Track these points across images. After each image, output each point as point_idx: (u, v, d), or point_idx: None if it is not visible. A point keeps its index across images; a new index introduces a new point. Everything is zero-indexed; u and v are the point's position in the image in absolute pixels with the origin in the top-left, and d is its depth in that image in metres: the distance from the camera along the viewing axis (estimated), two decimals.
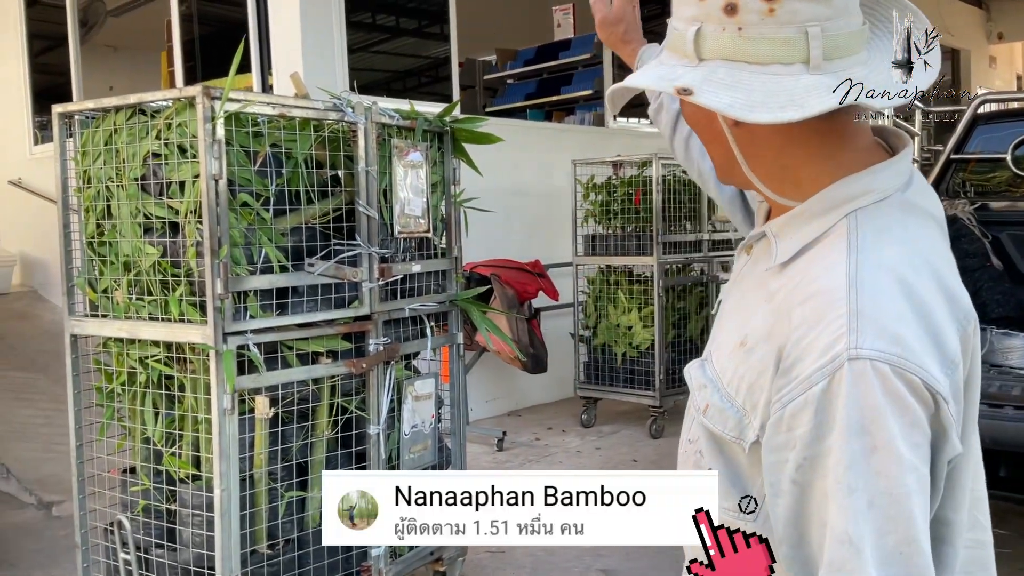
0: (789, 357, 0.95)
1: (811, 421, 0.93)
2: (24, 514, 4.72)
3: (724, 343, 1.10)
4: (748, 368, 1.02)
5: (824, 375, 0.92)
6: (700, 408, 1.09)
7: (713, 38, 0.98)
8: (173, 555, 2.72)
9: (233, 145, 2.60)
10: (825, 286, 0.96)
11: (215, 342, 2.50)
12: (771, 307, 1.02)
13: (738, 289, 1.15)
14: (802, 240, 1.02)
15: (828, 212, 1.01)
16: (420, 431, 3.17)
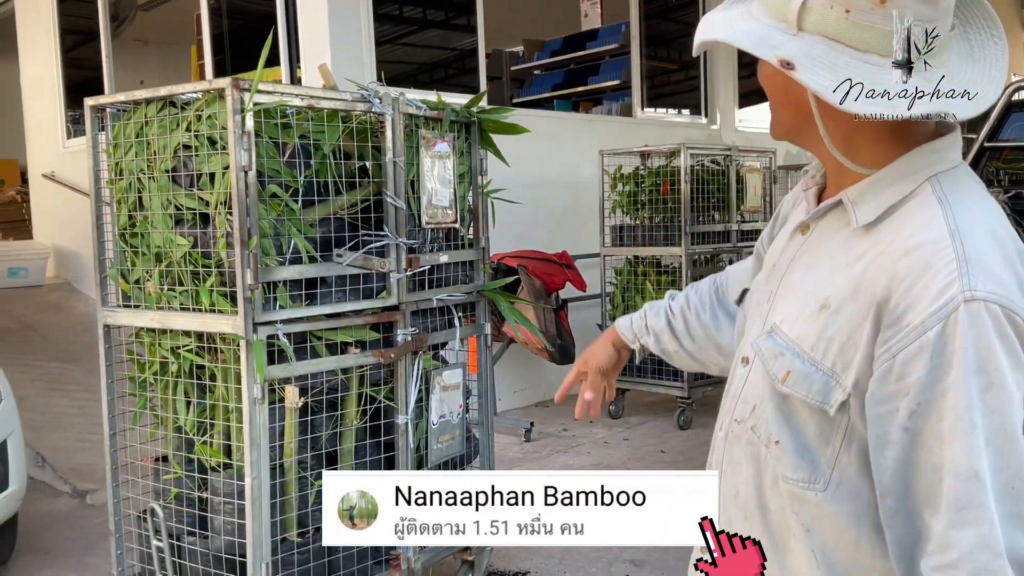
0: (897, 308, 0.99)
1: (927, 365, 0.96)
2: (59, 502, 4.80)
3: (794, 311, 1.13)
4: (837, 328, 1.05)
5: (939, 318, 0.96)
6: (778, 377, 1.11)
7: (818, 13, 1.01)
8: (205, 542, 2.76)
9: (262, 136, 2.61)
10: (927, 238, 1.00)
11: (245, 332, 2.53)
12: (859, 267, 1.05)
13: (800, 263, 1.18)
14: (885, 203, 1.07)
15: (907, 177, 1.07)
16: (448, 421, 3.18)
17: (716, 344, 1.52)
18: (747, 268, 1.49)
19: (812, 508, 1.11)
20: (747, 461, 1.19)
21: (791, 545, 1.15)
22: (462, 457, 3.34)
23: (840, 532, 1.10)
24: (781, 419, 1.12)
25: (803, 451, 1.10)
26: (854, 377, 1.04)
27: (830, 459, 1.09)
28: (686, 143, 5.78)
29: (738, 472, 1.21)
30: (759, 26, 1.06)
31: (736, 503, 1.21)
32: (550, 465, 5.13)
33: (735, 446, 1.21)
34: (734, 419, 1.22)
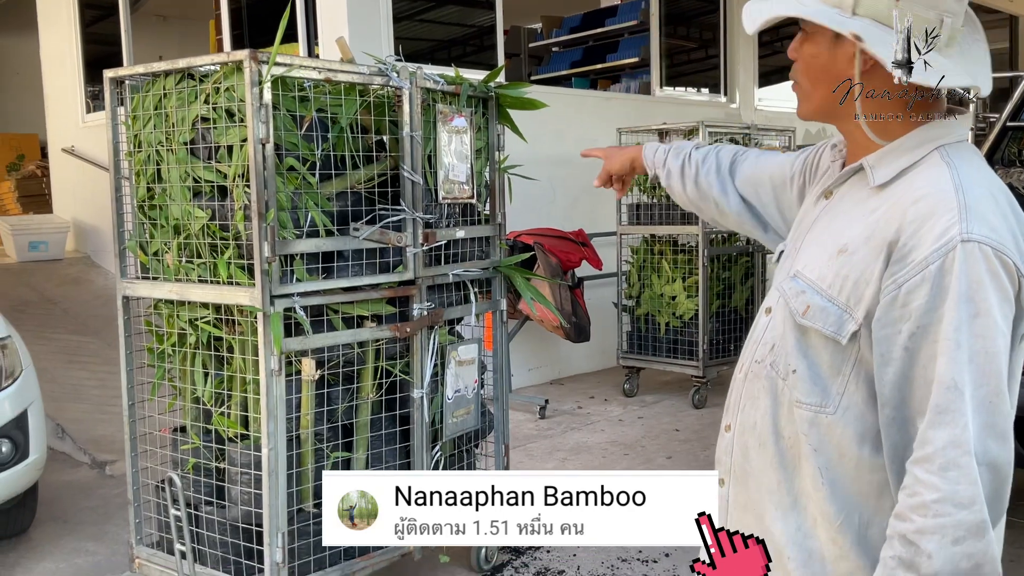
0: (905, 247, 1.18)
1: (927, 294, 1.15)
2: (78, 473, 4.86)
3: (815, 258, 1.32)
4: (852, 268, 1.24)
5: (939, 255, 1.15)
6: (799, 311, 1.29)
7: (872, 1, 1.22)
8: (222, 511, 2.79)
9: (280, 110, 2.62)
10: (934, 190, 1.20)
11: (263, 304, 2.54)
12: (873, 218, 1.24)
13: (822, 221, 1.37)
14: (899, 166, 1.26)
15: (919, 147, 1.26)
16: (463, 396, 3.19)
17: (716, 202, 1.72)
18: (769, 163, 1.66)
19: (821, 430, 1.27)
20: (765, 395, 1.34)
21: (801, 466, 1.30)
22: (477, 432, 3.36)
23: (843, 451, 1.26)
24: (799, 351, 1.29)
25: (816, 379, 1.27)
26: (865, 310, 1.22)
27: (840, 386, 1.26)
28: (704, 121, 5.74)
29: (756, 405, 1.35)
30: (816, 9, 1.24)
31: (753, 433, 1.36)
32: (563, 443, 5.15)
33: (755, 383, 1.36)
34: (755, 360, 1.37)
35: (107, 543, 3.85)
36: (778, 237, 1.65)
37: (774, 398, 1.33)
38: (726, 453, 1.43)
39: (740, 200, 1.69)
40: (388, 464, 2.99)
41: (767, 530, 1.33)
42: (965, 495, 1.13)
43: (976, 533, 1.13)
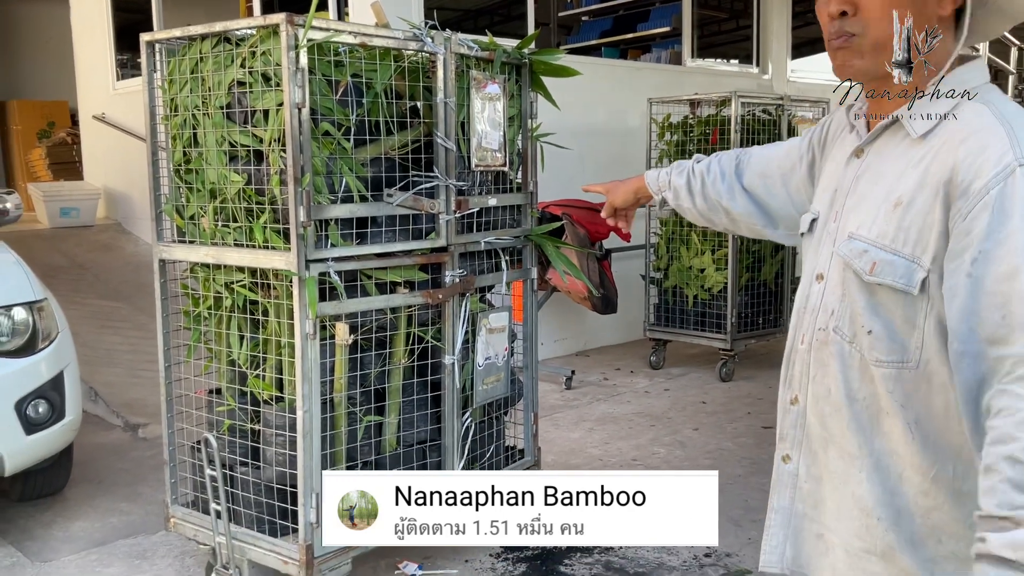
0: (963, 183, 1.20)
1: (988, 219, 1.17)
2: (111, 435, 4.94)
3: (868, 216, 1.33)
4: (913, 217, 1.27)
5: (999, 180, 1.17)
6: (866, 270, 1.31)
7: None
8: (257, 472, 2.83)
9: (315, 74, 2.62)
10: (981, 126, 1.23)
11: (298, 269, 2.56)
12: (922, 166, 1.27)
13: (864, 181, 1.38)
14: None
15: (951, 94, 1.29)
16: (493, 363, 3.21)
17: (726, 209, 1.76)
18: (775, 153, 1.71)
19: (906, 385, 1.29)
20: (834, 360, 1.36)
21: (884, 424, 1.32)
22: (507, 400, 3.37)
23: (931, 403, 1.28)
24: (871, 310, 1.31)
25: (894, 336, 1.30)
26: (932, 254, 1.24)
27: (917, 340, 1.28)
28: (737, 91, 5.68)
29: (827, 372, 1.38)
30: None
31: (828, 401, 1.38)
32: (590, 413, 5.16)
33: (822, 351, 1.38)
34: (818, 328, 1.39)
35: (140, 503, 3.92)
36: (787, 232, 1.69)
37: (843, 362, 1.35)
38: (793, 427, 1.47)
39: (748, 200, 1.72)
40: (419, 429, 3.02)
41: (852, 494, 1.35)
42: None
43: None
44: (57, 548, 3.49)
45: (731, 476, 4.12)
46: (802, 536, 1.47)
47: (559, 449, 4.50)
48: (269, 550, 2.74)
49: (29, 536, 3.60)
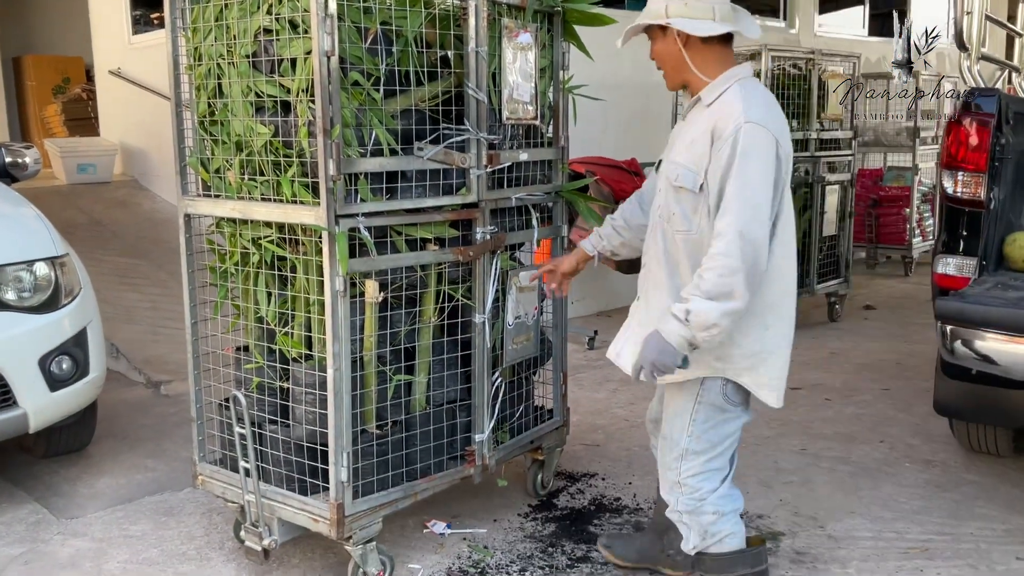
0: (718, 130, 2.25)
1: (729, 151, 2.21)
2: (133, 391, 4.93)
3: (679, 151, 2.38)
4: (697, 149, 2.30)
5: (734, 130, 2.21)
6: (673, 179, 2.36)
7: (675, 6, 2.31)
8: (286, 431, 2.79)
9: (345, 21, 2.52)
10: (732, 99, 2.28)
11: (328, 224, 2.49)
12: (703, 122, 2.32)
13: (682, 132, 2.44)
14: (716, 94, 2.34)
15: (725, 83, 2.34)
16: (523, 323, 3.14)
17: (640, 235, 2.64)
18: (649, 181, 2.72)
19: (689, 243, 2.34)
20: (660, 234, 2.43)
21: (678, 268, 2.38)
22: (535, 359, 3.31)
23: (700, 252, 2.28)
24: (676, 202, 2.36)
25: (687, 216, 2.34)
26: (704, 170, 2.28)
27: (696, 219, 2.32)
28: (768, 45, 5.54)
29: (657, 242, 2.44)
30: (648, 20, 2.38)
31: (656, 258, 2.44)
32: (613, 373, 5.10)
33: (654, 231, 2.46)
34: (656, 218, 2.46)
35: (165, 460, 3.90)
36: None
37: (662, 235, 2.42)
38: (642, 280, 2.53)
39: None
40: (449, 388, 2.96)
41: (661, 306, 2.37)
42: (730, 250, 2.18)
43: (733, 273, 2.17)
44: (83, 505, 3.48)
45: (759, 437, 4.06)
46: (635, 338, 2.45)
47: (584, 409, 4.46)
48: (299, 508, 2.70)
49: (55, 492, 3.59)
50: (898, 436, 4.09)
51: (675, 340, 2.22)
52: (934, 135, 8.16)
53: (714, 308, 2.17)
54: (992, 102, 3.05)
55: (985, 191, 3.04)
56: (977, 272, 3.09)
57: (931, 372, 5.03)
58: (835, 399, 4.64)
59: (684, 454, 2.47)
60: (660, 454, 2.57)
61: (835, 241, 6.31)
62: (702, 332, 2.20)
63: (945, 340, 2.85)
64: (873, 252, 8.24)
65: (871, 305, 6.94)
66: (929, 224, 8.34)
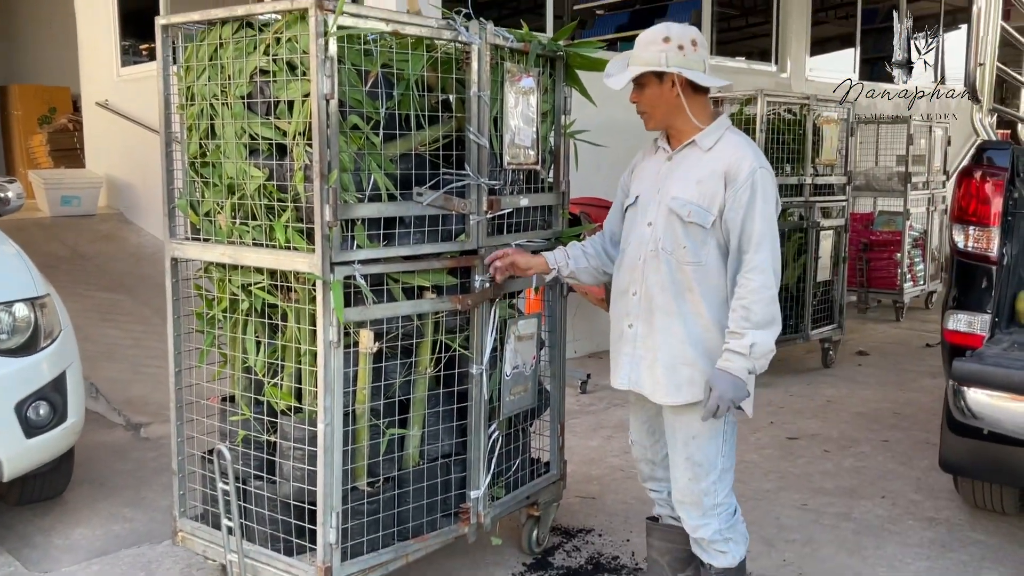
0: (731, 173, 2.45)
1: (748, 194, 2.43)
2: (113, 434, 4.77)
3: (682, 188, 2.52)
4: (707, 188, 2.48)
5: (751, 174, 2.44)
6: (685, 215, 2.49)
7: (674, 57, 2.47)
8: (272, 487, 2.66)
9: (345, 63, 2.44)
10: (737, 144, 2.51)
11: (322, 271, 2.38)
12: (711, 165, 2.49)
13: (675, 172, 2.57)
14: (714, 139, 2.53)
15: (718, 129, 2.55)
16: (521, 372, 3.03)
17: (604, 267, 2.83)
18: (614, 214, 2.85)
19: (700, 273, 2.50)
20: (663, 264, 2.53)
21: (688, 295, 2.52)
22: (533, 411, 3.20)
23: (709, 280, 2.50)
24: (685, 236, 2.50)
25: (695, 249, 2.50)
26: (717, 208, 2.46)
27: (706, 251, 2.50)
28: (764, 90, 5.51)
29: (659, 271, 2.54)
30: (642, 68, 2.50)
31: (659, 285, 2.54)
32: (607, 419, 5.00)
33: (653, 261, 2.55)
34: (649, 250, 2.56)
35: (144, 509, 3.75)
36: None
37: (668, 264, 2.53)
38: (635, 307, 2.60)
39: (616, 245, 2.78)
40: (444, 442, 2.85)
41: (672, 332, 2.53)
42: (769, 282, 2.41)
43: (775, 301, 2.42)
44: (57, 558, 3.32)
45: (759, 491, 3.95)
46: (639, 368, 2.60)
47: (578, 459, 4.34)
48: (284, 570, 2.57)
49: (28, 543, 3.43)
50: (900, 491, 3.99)
51: (743, 374, 2.42)
52: (925, 180, 8.16)
53: (769, 335, 2.42)
54: (1005, 155, 3.00)
55: (998, 246, 2.98)
56: (989, 329, 3.02)
57: (929, 423, 4.98)
58: (834, 451, 4.54)
59: (720, 475, 2.59)
60: (687, 484, 2.60)
61: (829, 286, 6.25)
62: (761, 360, 2.43)
63: (959, 400, 2.76)
64: (864, 296, 8.20)
65: (864, 351, 6.88)
66: (920, 269, 8.31)
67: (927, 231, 8.34)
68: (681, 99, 2.49)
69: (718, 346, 2.49)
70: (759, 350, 2.41)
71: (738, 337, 2.41)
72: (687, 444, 2.58)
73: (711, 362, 2.49)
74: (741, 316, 2.41)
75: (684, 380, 2.53)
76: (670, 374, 2.53)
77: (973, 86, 3.11)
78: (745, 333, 2.40)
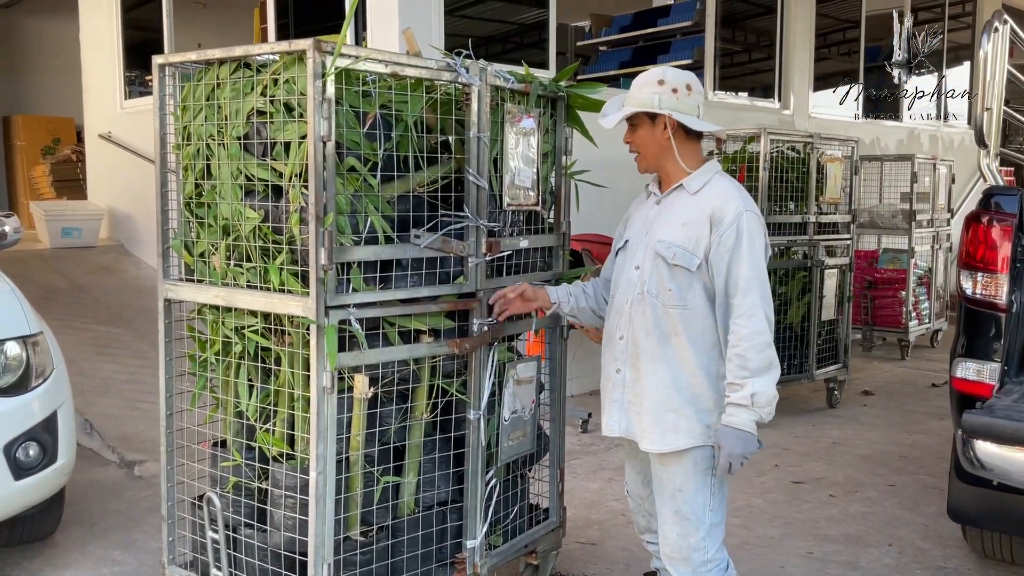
0: (717, 216, 2.45)
1: (734, 237, 2.42)
2: (106, 472, 4.69)
3: (668, 231, 2.52)
4: (692, 231, 2.47)
5: (736, 217, 2.43)
6: (670, 257, 2.48)
7: (667, 100, 2.49)
8: (263, 536, 2.59)
9: (343, 105, 2.41)
10: (725, 188, 2.51)
11: (317, 316, 2.33)
12: (697, 207, 2.49)
13: (663, 215, 2.57)
14: (702, 183, 2.53)
15: (706, 173, 2.55)
16: (520, 417, 2.97)
17: (600, 310, 2.81)
18: (609, 258, 2.83)
19: (685, 317, 2.48)
20: (648, 308, 2.52)
21: (673, 340, 2.49)
22: (532, 456, 3.13)
23: (696, 326, 2.48)
24: (670, 279, 2.48)
25: (682, 292, 2.47)
26: (703, 251, 2.45)
27: (692, 295, 2.47)
28: (767, 128, 5.49)
29: (644, 314, 2.53)
30: (636, 110, 2.53)
31: (644, 330, 2.52)
32: (608, 460, 4.91)
33: (639, 304, 2.54)
34: (636, 293, 2.55)
35: (135, 552, 3.67)
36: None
37: (653, 308, 2.51)
38: (623, 351, 2.59)
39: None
40: (440, 490, 2.78)
41: (658, 377, 2.50)
42: (761, 327, 2.38)
43: (770, 346, 2.39)
44: None
45: (764, 538, 3.87)
46: (628, 415, 2.58)
47: (579, 502, 4.25)
48: None
49: None
50: (907, 539, 3.90)
51: (750, 427, 2.38)
52: (929, 218, 8.12)
53: (769, 381, 2.38)
54: (1014, 201, 2.95)
55: (1007, 293, 2.93)
56: (999, 377, 2.96)
57: (936, 466, 4.90)
58: (839, 495, 4.45)
59: (710, 529, 2.53)
60: (676, 539, 2.56)
61: (834, 325, 6.19)
62: (766, 408, 2.38)
63: (968, 451, 2.70)
64: (869, 334, 8.13)
65: (870, 391, 6.80)
66: (925, 307, 8.25)
67: (932, 269, 8.29)
68: (671, 142, 2.51)
69: (705, 392, 2.48)
70: (761, 399, 2.37)
71: (738, 388, 2.38)
72: (674, 497, 2.53)
73: (697, 409, 2.48)
74: (738, 365, 2.38)
75: (669, 427, 2.49)
76: (656, 420, 2.51)
77: (980, 131, 3.07)
78: (744, 383, 2.37)
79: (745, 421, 2.37)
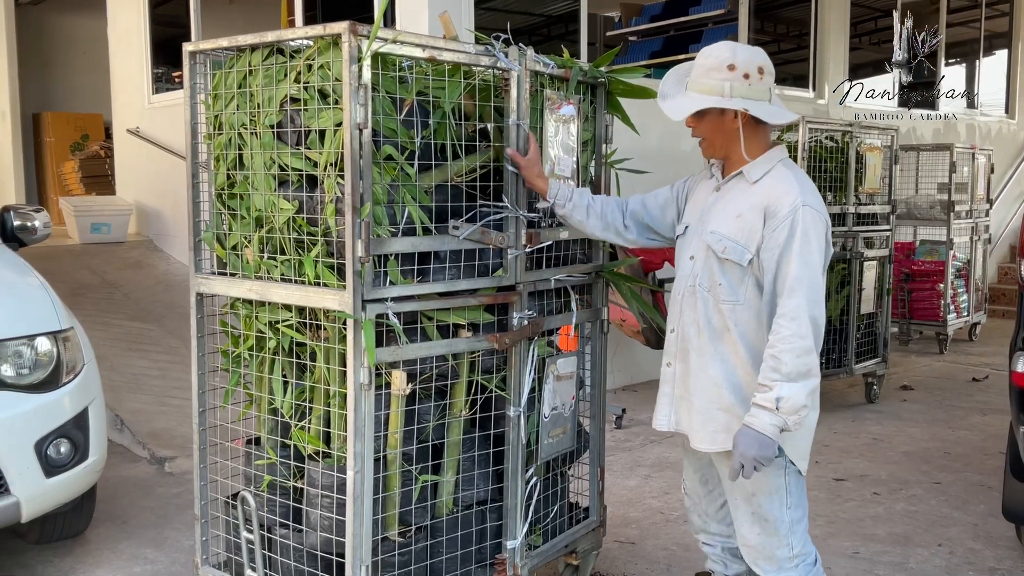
0: (772, 209, 2.29)
1: (787, 232, 2.26)
2: (137, 468, 4.66)
3: (722, 222, 2.39)
4: (746, 223, 2.34)
5: (792, 211, 2.26)
6: (720, 251, 2.36)
7: (739, 88, 2.31)
8: (298, 537, 2.52)
9: (379, 91, 2.33)
10: (783, 179, 2.34)
11: (353, 310, 2.25)
12: (754, 198, 2.34)
13: (719, 203, 2.44)
14: (763, 172, 2.37)
15: (769, 161, 2.39)
16: (560, 414, 2.88)
17: (616, 229, 2.68)
18: (656, 197, 2.71)
19: (737, 313, 2.37)
20: (699, 302, 2.42)
21: (724, 336, 2.38)
22: (572, 453, 3.04)
23: (748, 321, 2.36)
24: (721, 273, 2.37)
25: (733, 287, 2.36)
26: (755, 245, 2.32)
27: (743, 289, 2.36)
28: (806, 117, 5.35)
29: (695, 308, 2.43)
30: (706, 99, 2.34)
31: (695, 324, 2.43)
32: (644, 457, 4.82)
33: (690, 297, 2.44)
34: (688, 285, 2.45)
35: (167, 550, 3.62)
36: (661, 237, 2.71)
37: (704, 302, 2.41)
38: (673, 344, 2.51)
39: (635, 223, 2.68)
40: (479, 488, 2.69)
41: (707, 375, 2.40)
42: (803, 331, 2.21)
43: (810, 352, 2.22)
44: None
45: None
46: (678, 410, 2.50)
47: (616, 500, 4.16)
48: None
49: None
50: (957, 539, 3.77)
51: (770, 431, 2.22)
52: (968, 209, 7.93)
53: (801, 389, 2.21)
54: None
55: None
56: None
57: (982, 464, 4.75)
58: (884, 493, 4.33)
59: (791, 527, 2.43)
60: (758, 539, 2.45)
61: (873, 319, 6.04)
62: (793, 416, 2.21)
63: None
64: (906, 328, 7.96)
65: (909, 385, 6.64)
66: (963, 300, 8.06)
67: (970, 260, 8.10)
68: (740, 132, 2.35)
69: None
70: (787, 405, 2.20)
71: (766, 390, 2.23)
72: (749, 500, 2.41)
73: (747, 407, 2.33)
74: (771, 367, 2.23)
75: (721, 427, 2.38)
76: (705, 419, 2.41)
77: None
78: (773, 386, 2.21)
79: (766, 424, 2.22)
